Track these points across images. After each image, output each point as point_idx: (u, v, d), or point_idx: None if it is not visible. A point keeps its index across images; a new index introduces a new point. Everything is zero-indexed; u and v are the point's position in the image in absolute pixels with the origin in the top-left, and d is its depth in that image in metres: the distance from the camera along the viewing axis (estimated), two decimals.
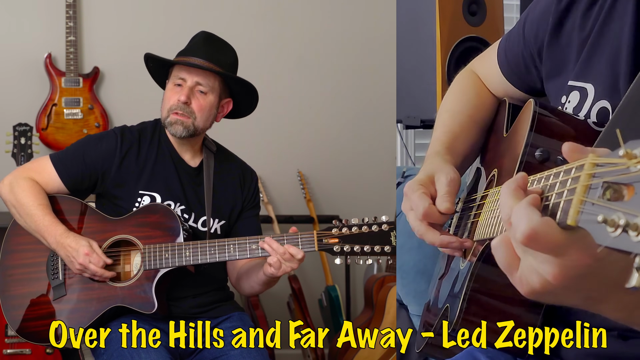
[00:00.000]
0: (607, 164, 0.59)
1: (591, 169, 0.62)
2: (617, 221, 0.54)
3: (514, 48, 1.31)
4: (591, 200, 0.60)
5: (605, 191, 0.58)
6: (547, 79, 1.23)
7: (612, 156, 0.59)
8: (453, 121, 1.38)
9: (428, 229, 1.19)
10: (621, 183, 0.57)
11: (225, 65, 2.06)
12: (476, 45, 2.65)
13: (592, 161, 0.62)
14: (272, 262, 1.88)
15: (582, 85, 1.12)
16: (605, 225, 0.55)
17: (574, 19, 1.16)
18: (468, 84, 1.45)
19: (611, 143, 0.77)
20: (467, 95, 1.43)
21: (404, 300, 2.02)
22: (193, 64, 2.01)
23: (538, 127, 1.11)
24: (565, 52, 1.18)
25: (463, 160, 1.35)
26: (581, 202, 0.61)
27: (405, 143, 3.17)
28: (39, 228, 1.96)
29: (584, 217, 0.61)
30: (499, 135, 1.33)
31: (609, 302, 0.70)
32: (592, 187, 0.60)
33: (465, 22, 2.66)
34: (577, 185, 0.62)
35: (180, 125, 2.02)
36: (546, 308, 1.10)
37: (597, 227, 0.57)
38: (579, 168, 0.64)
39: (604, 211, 0.56)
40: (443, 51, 2.63)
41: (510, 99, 1.35)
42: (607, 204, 0.56)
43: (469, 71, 1.49)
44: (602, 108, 1.08)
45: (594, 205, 0.59)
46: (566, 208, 0.64)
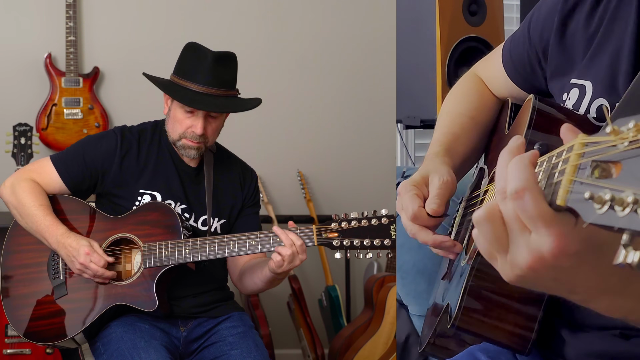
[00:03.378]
0: (595, 143, 0.59)
1: (580, 149, 0.62)
2: (603, 197, 0.54)
3: (519, 48, 1.31)
4: (580, 179, 0.59)
5: (594, 170, 0.57)
6: (551, 78, 1.24)
7: (600, 135, 0.59)
8: (454, 122, 1.38)
9: (420, 228, 1.20)
10: (609, 161, 0.56)
11: (230, 82, 2.03)
12: (476, 45, 2.66)
13: (582, 141, 0.62)
14: (285, 254, 1.85)
15: (582, 83, 1.12)
16: (592, 202, 0.55)
17: (578, 19, 1.16)
18: (470, 86, 1.46)
19: None
20: (469, 97, 1.43)
21: (404, 300, 2.02)
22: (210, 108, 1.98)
23: (537, 122, 1.11)
24: (570, 51, 1.18)
25: (462, 162, 1.35)
26: (570, 182, 0.61)
27: (405, 143, 3.17)
28: (39, 229, 1.96)
29: (572, 197, 0.60)
30: (501, 133, 1.33)
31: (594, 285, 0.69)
32: (581, 166, 0.60)
33: (465, 22, 2.66)
34: (567, 165, 0.62)
35: (194, 150, 2.02)
36: (547, 304, 1.10)
37: (584, 204, 0.56)
38: (569, 149, 0.64)
39: (591, 189, 0.56)
40: (443, 51, 2.63)
41: (515, 100, 1.35)
42: (595, 181, 0.56)
43: (472, 74, 1.49)
44: (601, 106, 1.08)
45: (582, 185, 0.58)
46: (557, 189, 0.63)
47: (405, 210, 1.20)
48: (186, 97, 1.97)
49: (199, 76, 1.98)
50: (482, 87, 1.45)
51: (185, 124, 2.00)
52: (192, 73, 1.99)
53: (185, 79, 2.00)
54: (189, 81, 1.99)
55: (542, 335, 1.11)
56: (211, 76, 1.97)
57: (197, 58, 2.00)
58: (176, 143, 2.04)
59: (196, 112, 1.98)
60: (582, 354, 1.07)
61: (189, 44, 2.06)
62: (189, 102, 1.96)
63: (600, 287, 0.69)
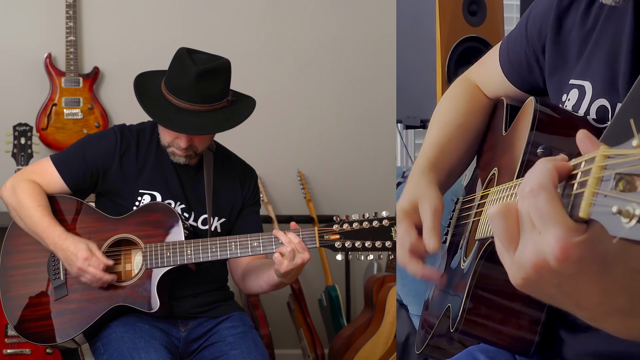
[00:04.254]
0: (619, 156, 0.58)
1: (603, 160, 0.61)
2: (632, 212, 0.53)
3: (517, 47, 1.31)
4: (603, 192, 0.59)
5: (618, 182, 0.56)
6: (548, 76, 1.23)
7: (625, 147, 0.58)
8: (440, 132, 1.38)
9: (411, 260, 1.20)
10: (634, 174, 0.56)
11: (216, 96, 1.98)
12: (476, 45, 2.66)
13: (604, 153, 0.61)
14: (285, 251, 1.85)
15: (581, 83, 1.12)
16: (619, 216, 0.54)
17: (574, 17, 1.16)
18: (460, 91, 1.45)
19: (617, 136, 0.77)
20: (458, 103, 1.42)
21: (404, 300, 2.02)
22: (185, 130, 1.96)
23: (539, 125, 1.10)
24: (565, 49, 1.18)
25: (448, 175, 1.35)
26: (593, 194, 0.60)
27: (405, 143, 3.17)
28: (37, 229, 1.96)
29: (596, 210, 0.59)
30: (497, 134, 1.33)
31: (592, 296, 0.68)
32: (604, 179, 0.59)
33: (465, 22, 2.66)
34: (589, 177, 0.61)
35: (183, 157, 2.03)
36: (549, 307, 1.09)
37: (610, 218, 0.56)
38: (590, 161, 0.63)
39: (618, 202, 0.55)
40: (443, 51, 2.63)
41: (510, 101, 1.35)
42: (621, 195, 0.55)
43: (464, 78, 1.48)
44: (601, 106, 1.08)
45: (606, 197, 0.58)
46: (577, 202, 0.62)
47: (401, 243, 1.20)
48: (164, 118, 1.95)
49: (182, 93, 1.95)
50: (473, 90, 1.44)
51: (171, 134, 2.00)
52: (175, 88, 1.97)
53: (170, 92, 1.98)
54: (173, 95, 1.97)
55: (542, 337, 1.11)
56: (193, 93, 1.94)
57: (180, 73, 1.96)
58: (167, 149, 2.04)
59: None
60: (581, 354, 1.06)
61: (178, 51, 2.00)
62: (166, 124, 1.95)
63: (607, 305, 0.68)
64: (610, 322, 0.71)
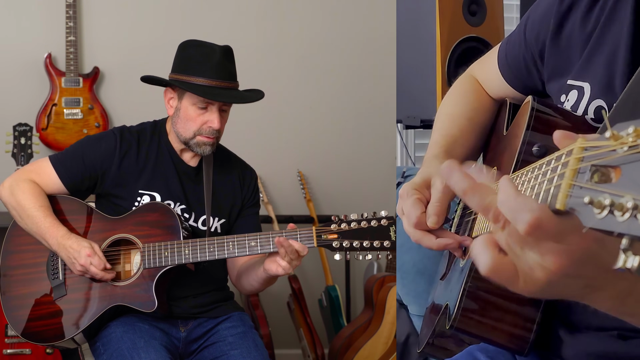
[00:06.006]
0: (595, 147, 0.59)
1: (580, 153, 0.62)
2: (602, 202, 0.54)
3: (515, 50, 1.31)
4: (579, 184, 0.59)
5: (594, 174, 0.57)
6: (549, 80, 1.24)
7: (600, 139, 0.59)
8: (452, 124, 1.38)
9: (424, 234, 1.18)
10: (608, 165, 0.56)
11: (235, 74, 2.06)
12: (476, 45, 2.66)
13: (581, 145, 0.62)
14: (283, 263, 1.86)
15: (580, 84, 1.12)
16: (591, 206, 0.55)
17: (574, 20, 1.16)
18: (467, 87, 1.45)
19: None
20: (467, 98, 1.42)
21: (404, 300, 2.02)
22: (230, 99, 2.02)
23: (535, 123, 1.11)
24: (566, 53, 1.18)
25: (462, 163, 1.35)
26: (570, 186, 0.61)
27: (405, 143, 3.17)
28: (40, 230, 1.96)
29: (572, 201, 0.60)
30: (500, 134, 1.33)
31: (605, 289, 0.69)
32: (581, 171, 0.60)
33: (465, 22, 2.66)
34: (566, 169, 0.62)
35: (209, 146, 2.03)
36: (545, 305, 1.10)
37: (584, 209, 0.57)
38: (568, 153, 0.64)
39: (591, 193, 0.56)
40: (443, 51, 2.63)
41: (512, 101, 1.35)
42: (595, 186, 0.56)
43: (468, 75, 1.49)
44: (599, 107, 1.09)
45: (582, 189, 0.59)
46: (555, 193, 0.63)
47: (408, 216, 1.18)
48: (206, 92, 1.97)
49: (210, 71, 1.98)
50: (479, 88, 1.45)
51: (200, 120, 2.00)
52: (202, 68, 1.98)
53: (193, 74, 1.99)
54: (198, 77, 1.98)
55: (540, 336, 1.11)
56: (222, 69, 1.99)
57: (204, 53, 2.00)
58: (190, 142, 2.03)
59: (210, 107, 1.99)
60: (580, 354, 1.07)
61: (187, 42, 2.06)
62: (211, 96, 1.97)
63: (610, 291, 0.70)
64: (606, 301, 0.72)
